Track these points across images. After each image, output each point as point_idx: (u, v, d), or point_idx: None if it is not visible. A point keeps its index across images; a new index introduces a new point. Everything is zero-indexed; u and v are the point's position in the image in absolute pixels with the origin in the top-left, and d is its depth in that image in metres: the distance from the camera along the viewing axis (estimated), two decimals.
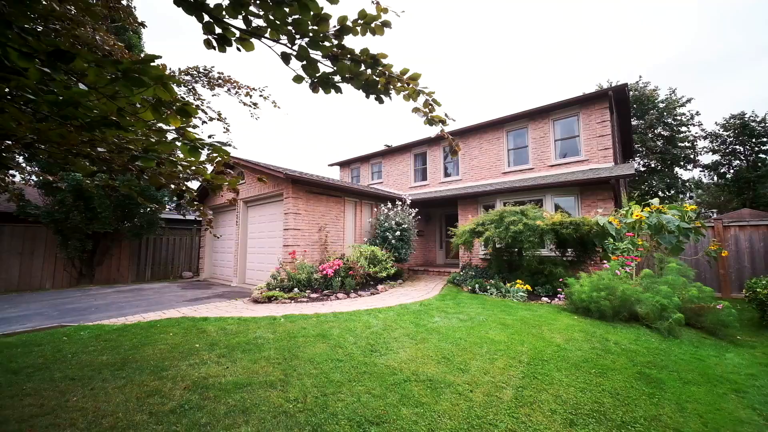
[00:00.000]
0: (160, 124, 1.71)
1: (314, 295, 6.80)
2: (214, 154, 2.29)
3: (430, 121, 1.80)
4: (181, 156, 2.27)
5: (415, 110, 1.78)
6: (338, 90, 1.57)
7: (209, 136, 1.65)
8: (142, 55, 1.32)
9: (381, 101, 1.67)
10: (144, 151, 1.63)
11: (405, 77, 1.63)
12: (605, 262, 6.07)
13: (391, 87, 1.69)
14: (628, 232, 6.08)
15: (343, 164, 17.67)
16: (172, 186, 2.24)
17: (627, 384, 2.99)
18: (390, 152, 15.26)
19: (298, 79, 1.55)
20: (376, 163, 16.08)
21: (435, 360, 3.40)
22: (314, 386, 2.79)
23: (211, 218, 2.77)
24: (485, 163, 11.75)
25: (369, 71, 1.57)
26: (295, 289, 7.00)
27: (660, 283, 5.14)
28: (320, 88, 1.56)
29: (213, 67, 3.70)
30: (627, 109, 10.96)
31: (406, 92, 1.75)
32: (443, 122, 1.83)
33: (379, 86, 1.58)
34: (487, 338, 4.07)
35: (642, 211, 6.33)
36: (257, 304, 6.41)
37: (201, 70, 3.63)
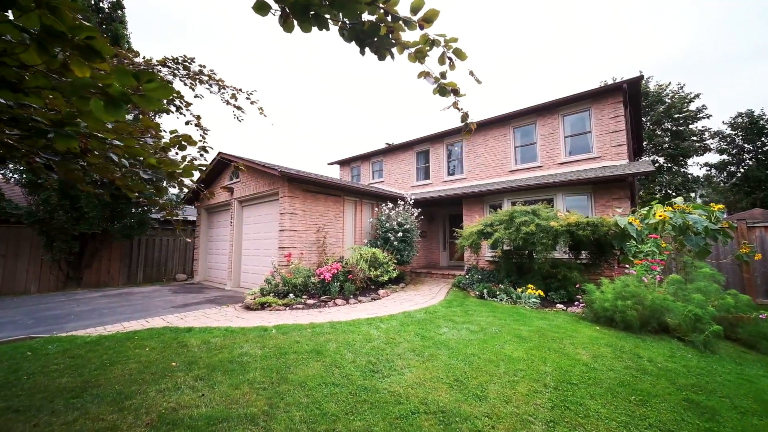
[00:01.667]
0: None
1: (311, 302, 6.33)
2: (180, 138, 1.83)
3: (442, 90, 1.34)
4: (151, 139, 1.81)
5: (423, 75, 1.32)
6: (323, 24, 1.10)
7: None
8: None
9: (381, 57, 1.21)
10: (58, 125, 1.16)
11: (417, 17, 1.16)
12: (627, 266, 5.59)
13: (394, 40, 1.23)
14: (651, 234, 5.60)
15: (343, 163, 17.21)
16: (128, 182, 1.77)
17: (676, 416, 2.52)
18: (391, 150, 14.79)
19: (261, 7, 1.07)
20: (376, 161, 15.61)
21: (446, 383, 2.93)
22: (303, 421, 2.33)
23: (178, 219, 2.30)
24: (491, 160, 11.28)
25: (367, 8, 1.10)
26: (291, 295, 6.54)
27: (690, 291, 4.67)
28: (296, 22, 1.09)
29: (194, 58, 3.23)
30: (638, 104, 10.47)
31: (414, 49, 1.28)
32: (456, 92, 1.36)
33: (380, 31, 1.11)
34: (503, 354, 3.60)
35: (664, 210, 5.85)
36: (249, 312, 5.94)
37: (179, 61, 3.16)
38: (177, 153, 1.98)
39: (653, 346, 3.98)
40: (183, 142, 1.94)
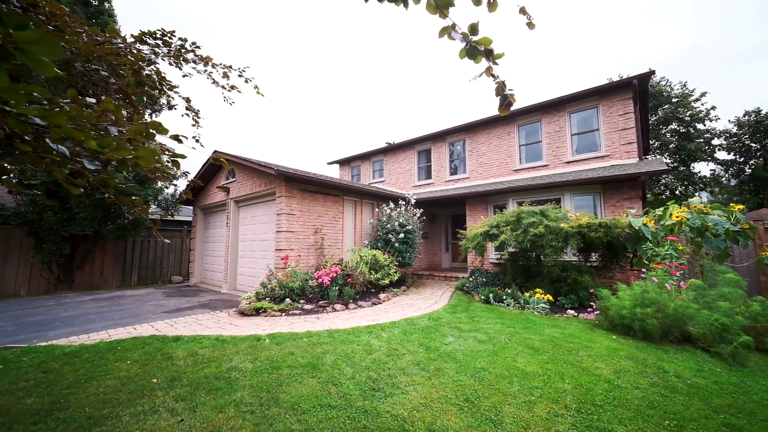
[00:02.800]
0: None
1: (308, 307, 6.03)
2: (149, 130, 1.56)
3: (471, 51, 1.04)
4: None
5: (447, 31, 1.02)
6: None
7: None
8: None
9: None
10: None
11: None
12: (643, 270, 5.29)
13: None
14: (668, 236, 5.29)
15: (343, 162, 16.91)
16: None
17: None
18: (392, 149, 14.49)
19: None
20: (377, 160, 15.31)
21: (456, 405, 2.62)
22: None
23: (154, 219, 2.01)
24: (495, 159, 10.97)
25: None
26: (287, 300, 6.24)
27: (713, 297, 4.36)
28: None
29: (174, 31, 2.91)
30: (646, 101, 10.16)
31: None
32: (490, 53, 1.06)
33: None
34: (516, 369, 3.29)
35: (681, 211, 5.54)
36: (243, 318, 5.65)
37: (158, 36, 2.85)
38: (144, 144, 1.68)
39: (677, 359, 3.67)
40: (151, 130, 1.64)
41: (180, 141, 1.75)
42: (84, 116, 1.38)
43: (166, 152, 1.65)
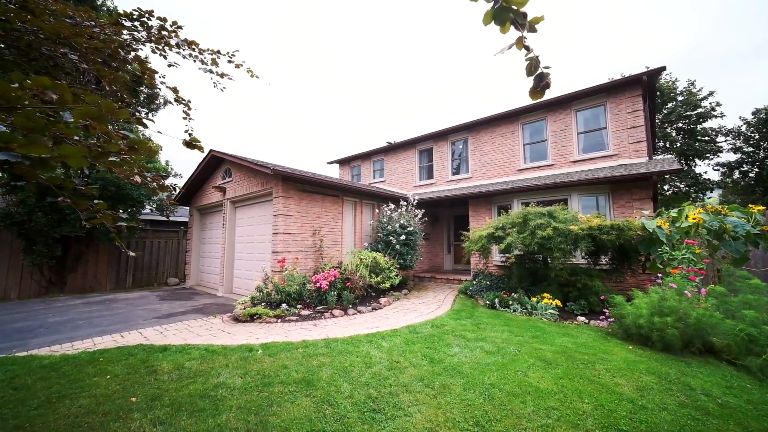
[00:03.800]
0: None
1: (305, 312, 5.77)
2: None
3: (499, 13, 0.79)
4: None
5: None
6: None
7: None
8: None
9: None
10: None
11: None
12: (659, 275, 5.01)
13: None
14: (685, 239, 5.01)
15: (343, 162, 16.65)
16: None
17: None
18: (393, 149, 14.22)
19: None
20: (377, 160, 15.03)
21: (465, 430, 2.35)
22: None
23: (120, 225, 1.75)
24: (498, 159, 10.69)
25: None
26: (284, 305, 5.97)
27: (735, 305, 4.09)
28: None
29: (152, 11, 2.63)
30: (654, 98, 9.89)
31: None
32: (524, 18, 0.80)
33: None
34: (528, 385, 3.02)
35: (697, 212, 5.26)
36: (237, 324, 5.38)
37: (135, 17, 2.59)
38: (96, 131, 1.42)
39: (702, 373, 3.40)
40: (106, 113, 1.35)
41: (145, 126, 1.49)
42: (16, 97, 1.12)
43: (122, 138, 1.38)
